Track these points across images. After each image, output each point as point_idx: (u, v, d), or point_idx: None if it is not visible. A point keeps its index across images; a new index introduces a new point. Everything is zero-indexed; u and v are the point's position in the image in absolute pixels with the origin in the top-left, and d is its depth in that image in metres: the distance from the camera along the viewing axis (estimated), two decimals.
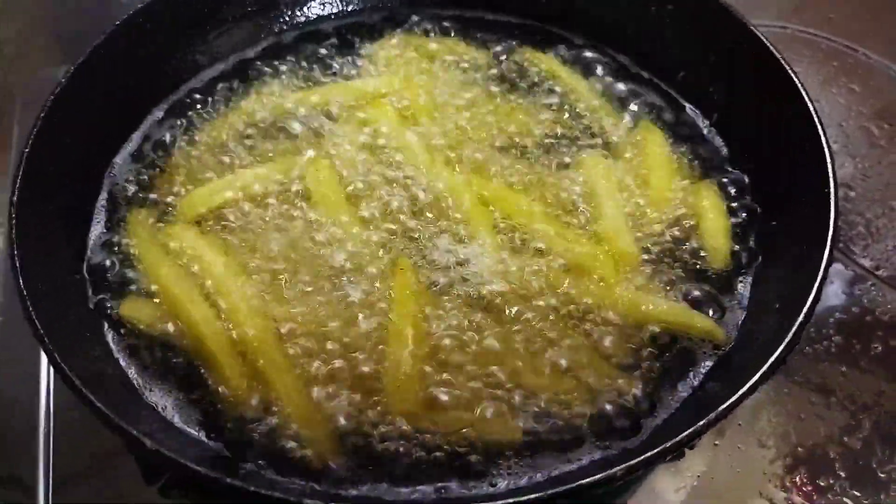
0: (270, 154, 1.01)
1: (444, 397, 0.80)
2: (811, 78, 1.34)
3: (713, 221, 0.93)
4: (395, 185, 0.97)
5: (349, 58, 1.13)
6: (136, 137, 1.04)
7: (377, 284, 0.87)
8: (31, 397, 0.96)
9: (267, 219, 0.94)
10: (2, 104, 1.53)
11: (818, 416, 0.94)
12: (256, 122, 1.04)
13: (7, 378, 0.98)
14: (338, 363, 0.82)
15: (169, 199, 0.97)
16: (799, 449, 0.92)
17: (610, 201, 0.95)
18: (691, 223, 0.93)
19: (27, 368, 0.97)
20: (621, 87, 1.10)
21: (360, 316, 0.85)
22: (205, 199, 0.96)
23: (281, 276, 0.89)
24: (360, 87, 1.07)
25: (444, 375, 0.81)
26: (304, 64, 1.12)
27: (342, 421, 0.78)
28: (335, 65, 1.12)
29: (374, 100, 1.06)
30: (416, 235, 0.92)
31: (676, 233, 0.93)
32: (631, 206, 0.96)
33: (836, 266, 1.06)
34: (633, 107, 1.07)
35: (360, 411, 0.78)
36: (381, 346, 0.83)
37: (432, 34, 1.16)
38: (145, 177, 1.00)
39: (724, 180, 0.98)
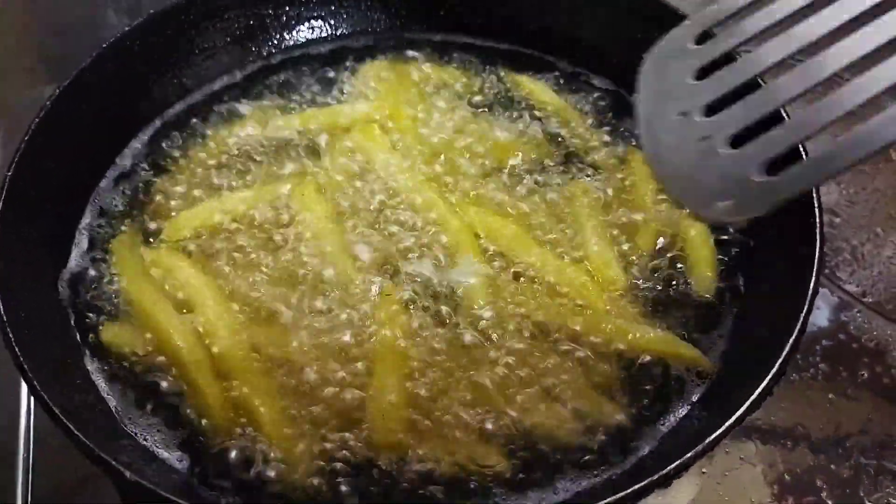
0: (256, 178, 1.00)
1: (429, 425, 0.79)
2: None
3: (699, 249, 0.93)
4: (382, 208, 0.96)
5: (337, 82, 1.13)
6: (120, 161, 1.03)
7: (364, 307, 0.86)
8: (11, 419, 0.95)
9: (253, 242, 0.93)
10: None
11: (805, 443, 0.94)
12: (242, 146, 1.04)
13: None
14: (322, 390, 0.81)
15: (153, 225, 0.97)
16: (786, 476, 0.91)
17: (595, 227, 0.95)
18: (677, 251, 0.93)
19: (8, 389, 0.96)
20: (608, 110, 1.10)
21: (346, 340, 0.84)
22: (190, 222, 0.95)
23: (266, 300, 0.88)
24: (345, 111, 1.07)
25: (429, 404, 0.80)
26: (291, 88, 1.12)
27: (326, 449, 0.77)
28: (322, 89, 1.12)
29: (359, 124, 1.05)
30: (403, 258, 0.91)
31: (662, 263, 0.92)
32: (617, 230, 0.95)
33: (823, 292, 1.06)
34: (622, 130, 1.07)
35: (344, 441, 0.77)
36: (361, 372, 0.82)
37: (419, 59, 1.17)
38: (130, 201, 0.99)
39: None
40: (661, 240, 0.94)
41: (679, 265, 0.92)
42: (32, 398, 0.92)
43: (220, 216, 0.95)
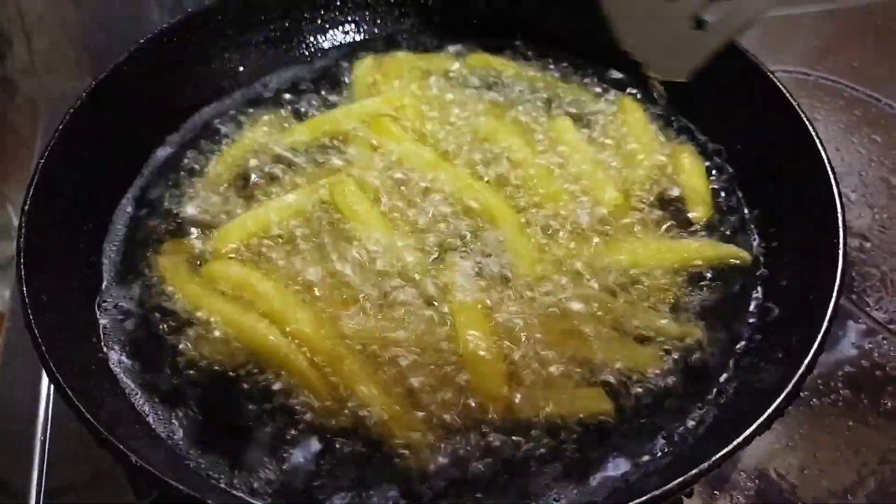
0: (288, 182, 1.01)
1: (529, 375, 0.81)
2: (832, 126, 1.33)
3: (693, 178, 1.01)
4: (419, 194, 0.98)
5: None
6: (152, 161, 1.05)
7: (429, 286, 0.88)
8: (31, 405, 0.97)
9: (301, 242, 0.94)
10: (32, 116, 1.57)
11: (822, 470, 0.92)
12: (274, 150, 1.05)
13: (10, 385, 0.99)
14: (413, 365, 0.82)
15: (194, 236, 0.96)
16: (801, 503, 0.90)
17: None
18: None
19: (30, 377, 0.98)
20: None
21: (420, 317, 0.86)
22: (237, 232, 0.94)
23: (330, 294, 0.88)
24: (365, 107, 1.08)
25: (521, 358, 0.82)
26: (321, 90, 1.13)
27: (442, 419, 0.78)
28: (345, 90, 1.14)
29: (370, 119, 1.06)
30: (451, 236, 0.93)
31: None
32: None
33: (848, 317, 1.04)
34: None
35: (452, 404, 0.79)
36: (446, 343, 0.83)
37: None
38: (166, 203, 1.00)
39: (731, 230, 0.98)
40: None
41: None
42: (52, 388, 0.94)
43: (265, 222, 0.95)
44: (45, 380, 0.98)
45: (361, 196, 0.97)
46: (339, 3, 1.19)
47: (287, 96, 1.13)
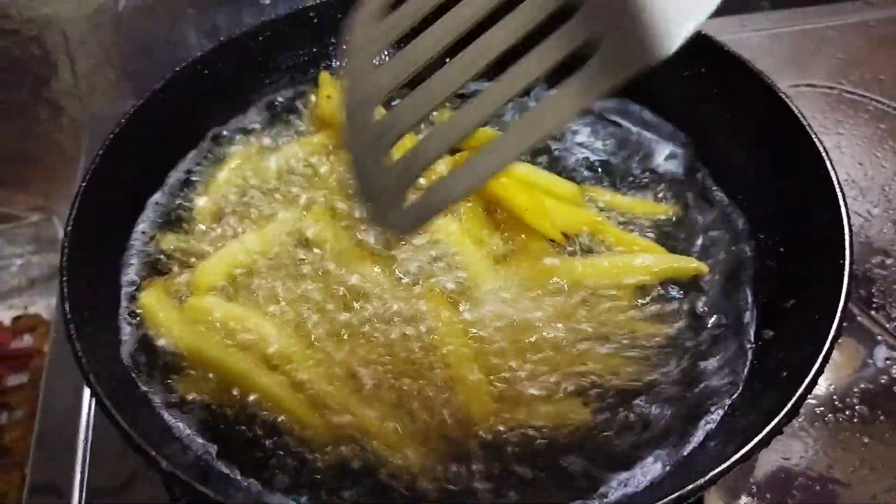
0: (262, 211, 1.03)
1: (516, 391, 0.83)
2: (855, 139, 1.33)
3: None
4: None
5: None
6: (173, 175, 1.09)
7: (410, 308, 0.90)
8: (74, 409, 1.02)
9: (281, 272, 0.95)
10: (75, 135, 1.64)
11: (835, 485, 0.92)
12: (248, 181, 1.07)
13: (53, 390, 1.05)
14: (408, 392, 0.84)
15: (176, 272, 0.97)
16: None
17: None
18: None
19: (74, 381, 1.04)
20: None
21: (405, 335, 0.88)
22: (217, 269, 0.94)
23: (311, 320, 0.90)
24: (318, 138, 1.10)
25: (506, 374, 0.84)
26: None
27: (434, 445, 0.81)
28: None
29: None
30: (426, 260, 0.95)
31: None
32: None
33: (866, 334, 1.05)
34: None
35: (446, 430, 0.81)
36: (429, 362, 0.85)
37: None
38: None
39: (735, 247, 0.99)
40: None
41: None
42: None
43: (245, 257, 0.96)
44: (87, 392, 1.04)
45: (334, 223, 0.98)
46: None
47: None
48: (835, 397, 0.98)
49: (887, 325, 1.05)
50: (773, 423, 0.67)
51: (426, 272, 0.93)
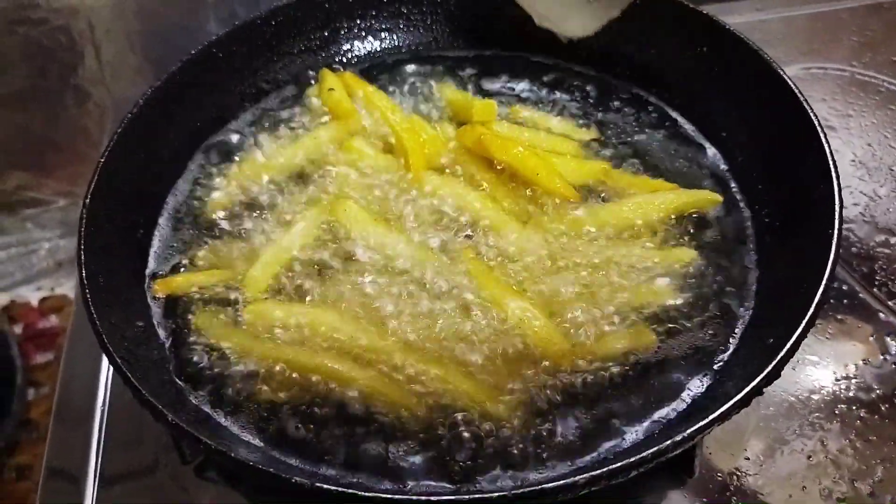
0: (284, 208, 1.04)
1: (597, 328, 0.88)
2: (866, 120, 1.33)
3: None
4: (409, 202, 1.03)
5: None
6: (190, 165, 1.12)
7: (456, 277, 0.93)
8: (91, 392, 1.05)
9: (320, 267, 0.97)
10: (100, 120, 1.69)
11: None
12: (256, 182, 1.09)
13: (72, 375, 1.09)
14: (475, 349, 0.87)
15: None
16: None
17: None
18: None
19: (92, 363, 1.07)
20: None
21: (461, 303, 0.91)
22: (265, 274, 0.95)
23: (368, 309, 0.92)
24: (328, 131, 1.12)
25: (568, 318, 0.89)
26: None
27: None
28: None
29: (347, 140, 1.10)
30: (453, 231, 0.98)
31: None
32: None
33: (867, 310, 1.05)
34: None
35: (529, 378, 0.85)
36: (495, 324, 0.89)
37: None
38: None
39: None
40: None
41: None
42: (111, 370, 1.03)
43: (288, 255, 0.97)
44: (104, 368, 1.06)
45: (362, 211, 1.00)
46: (374, 13, 1.25)
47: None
48: (834, 372, 0.99)
49: (889, 302, 1.06)
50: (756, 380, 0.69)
51: (459, 244, 0.97)
